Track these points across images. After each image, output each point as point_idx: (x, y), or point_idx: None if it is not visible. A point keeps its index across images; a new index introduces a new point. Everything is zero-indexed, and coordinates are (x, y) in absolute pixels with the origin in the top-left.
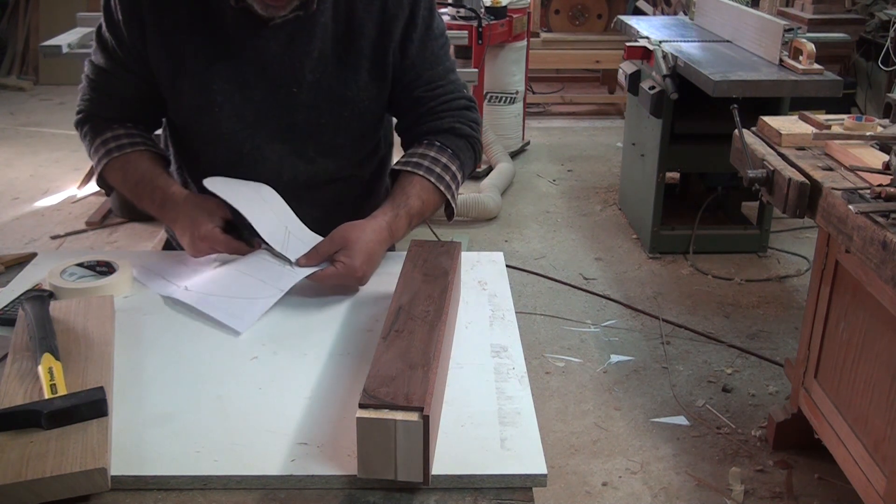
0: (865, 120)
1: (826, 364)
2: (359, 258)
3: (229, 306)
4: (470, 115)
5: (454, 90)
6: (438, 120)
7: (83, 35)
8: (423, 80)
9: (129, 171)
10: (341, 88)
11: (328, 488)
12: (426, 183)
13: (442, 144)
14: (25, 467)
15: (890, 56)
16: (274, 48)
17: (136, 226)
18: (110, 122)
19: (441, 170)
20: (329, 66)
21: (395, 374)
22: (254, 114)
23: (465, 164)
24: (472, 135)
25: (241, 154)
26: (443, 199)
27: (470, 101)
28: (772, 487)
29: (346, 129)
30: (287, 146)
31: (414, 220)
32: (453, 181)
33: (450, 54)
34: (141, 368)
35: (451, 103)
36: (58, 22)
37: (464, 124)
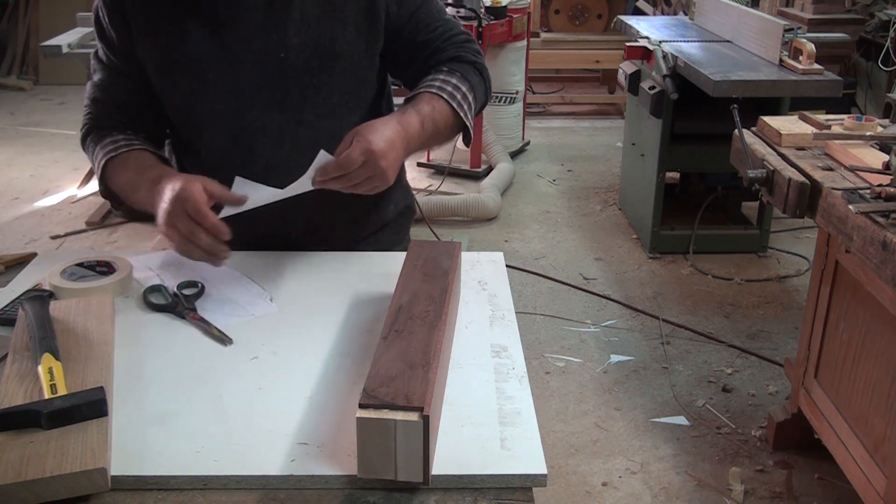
0: (865, 120)
1: (826, 364)
2: (372, 135)
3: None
4: (472, 47)
5: (452, 27)
6: (442, 53)
7: (83, 35)
8: (422, 25)
9: (125, 168)
10: (329, 45)
11: (328, 488)
12: (434, 95)
13: (449, 69)
14: (25, 467)
15: (890, 56)
16: (255, 18)
17: (136, 226)
18: (111, 130)
19: (452, 88)
20: (313, 25)
21: (395, 374)
22: (247, 87)
23: (476, 87)
24: (477, 61)
25: (241, 130)
26: (455, 114)
27: (468, 35)
28: (772, 487)
29: (340, 86)
30: (284, 114)
31: (426, 121)
32: (465, 101)
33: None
34: (141, 368)
35: (452, 39)
36: (58, 22)
37: (467, 52)
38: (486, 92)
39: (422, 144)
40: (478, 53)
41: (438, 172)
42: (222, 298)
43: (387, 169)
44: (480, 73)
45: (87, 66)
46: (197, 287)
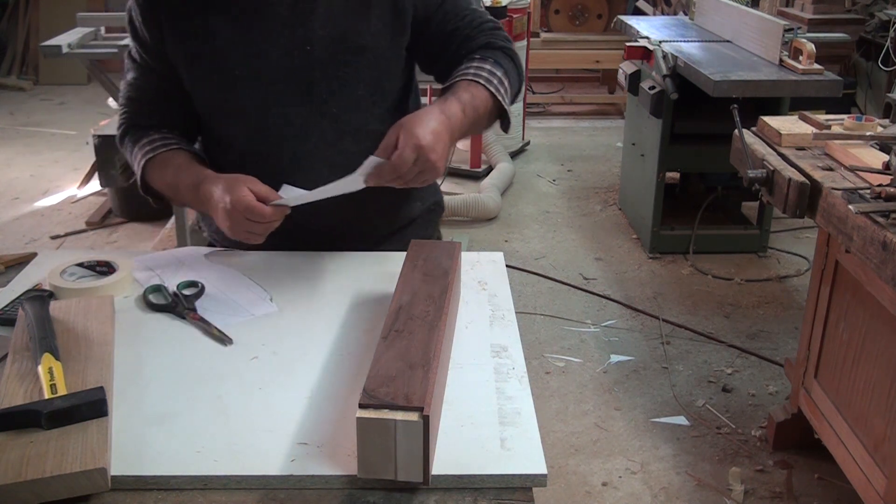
0: (865, 120)
1: (826, 364)
2: (419, 128)
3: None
4: (501, 33)
5: (480, 15)
6: (473, 41)
7: (83, 35)
8: (450, 15)
9: (165, 168)
10: (354, 37)
11: (328, 488)
12: (471, 82)
13: (482, 56)
14: (25, 467)
15: (890, 56)
16: (281, 12)
17: (136, 226)
18: (147, 130)
19: (487, 73)
20: (339, 17)
21: (395, 374)
22: (273, 81)
23: (509, 72)
24: (507, 47)
25: (267, 123)
26: (493, 98)
27: (497, 23)
28: (772, 487)
29: (365, 79)
30: (309, 107)
31: (467, 108)
32: (500, 85)
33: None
34: (141, 368)
35: (480, 27)
36: (58, 22)
37: (497, 39)
38: (519, 77)
39: (465, 132)
40: (507, 40)
41: None
42: (222, 298)
43: (437, 161)
44: (512, 59)
45: (86, 66)
46: (197, 287)
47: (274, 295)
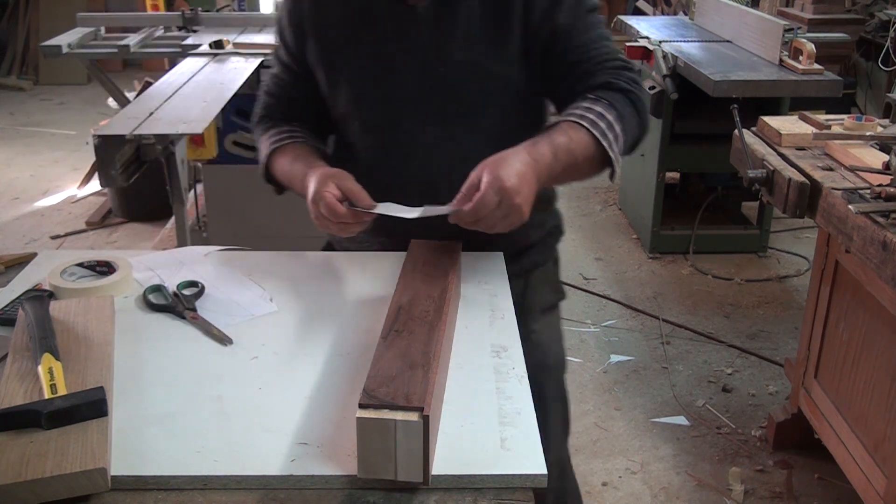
0: (865, 120)
1: (826, 364)
2: (503, 170)
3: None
4: (627, 74)
5: (609, 52)
6: (592, 78)
7: (83, 35)
8: (574, 45)
9: (285, 158)
10: (489, 64)
11: (328, 488)
12: (573, 123)
13: (597, 96)
14: (25, 467)
15: (890, 56)
16: (422, 33)
17: (136, 226)
18: (279, 122)
19: (595, 116)
20: (476, 44)
21: (395, 374)
22: (405, 98)
23: (625, 117)
24: (630, 90)
25: (394, 141)
26: (596, 144)
27: (627, 63)
28: (772, 487)
29: (494, 107)
30: (438, 128)
31: (560, 152)
32: (609, 130)
33: (603, 26)
34: (141, 368)
35: (605, 63)
36: (58, 22)
37: (620, 80)
38: (641, 124)
39: (557, 177)
40: (633, 82)
41: None
42: (222, 298)
43: (521, 205)
44: (633, 104)
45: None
46: (197, 287)
47: (274, 295)
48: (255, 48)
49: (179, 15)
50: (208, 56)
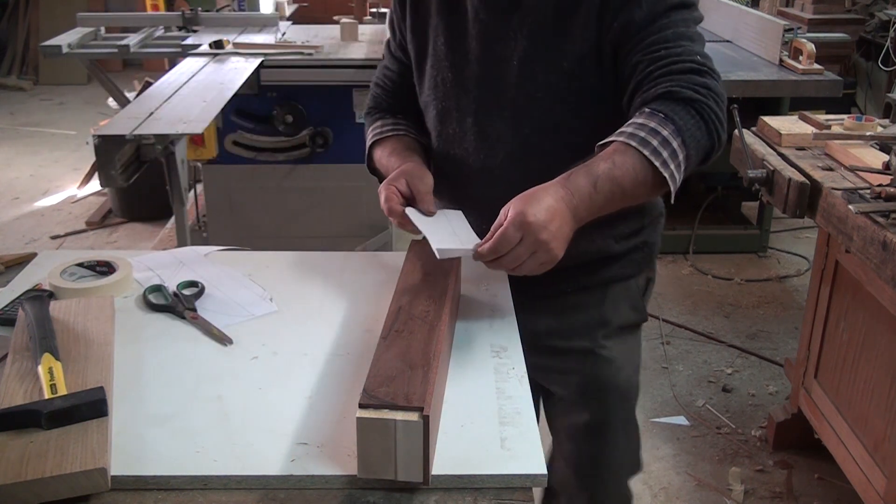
0: (865, 120)
1: (826, 364)
2: (529, 205)
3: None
4: (696, 79)
5: (682, 53)
6: (654, 86)
7: (83, 35)
8: (643, 45)
9: (384, 151)
10: (557, 59)
11: (328, 488)
12: (623, 145)
13: (653, 110)
14: (25, 467)
15: (890, 56)
16: (495, 22)
17: (136, 226)
18: (384, 114)
19: (646, 134)
20: (545, 35)
21: (395, 374)
22: (476, 88)
23: (686, 130)
24: (695, 98)
25: (462, 132)
26: (649, 165)
27: (701, 66)
28: (772, 487)
29: (562, 105)
30: (504, 122)
31: (601, 182)
32: (664, 147)
33: (690, 24)
34: (141, 368)
35: (672, 66)
36: (58, 22)
37: (684, 87)
38: (710, 135)
39: (601, 207)
40: (701, 88)
41: None
42: (222, 298)
43: (549, 241)
44: (700, 114)
45: (86, 66)
46: (197, 287)
47: (274, 295)
48: (255, 48)
49: (179, 15)
50: (208, 56)
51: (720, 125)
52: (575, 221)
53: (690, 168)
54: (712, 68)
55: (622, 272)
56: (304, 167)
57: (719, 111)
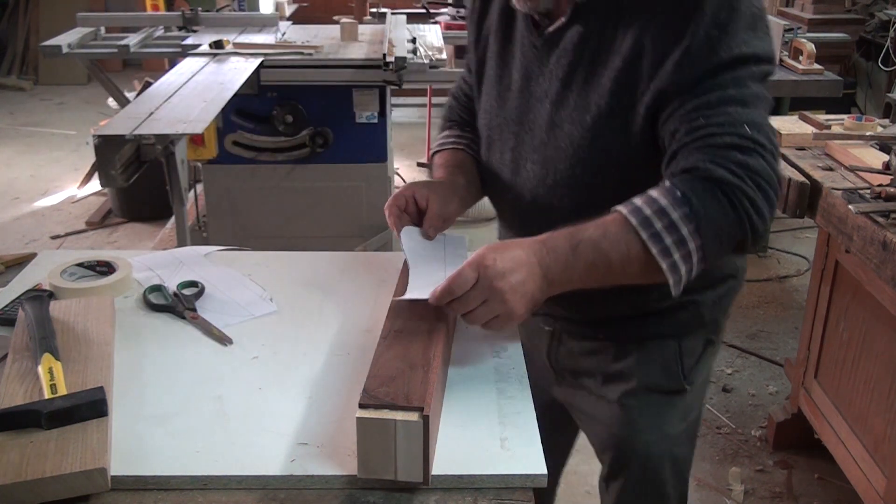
0: (865, 120)
1: (826, 364)
2: (494, 252)
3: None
4: (735, 156)
5: (725, 123)
6: (679, 158)
7: (83, 35)
8: (683, 111)
9: (437, 163)
10: (582, 111)
11: (328, 488)
12: (621, 217)
13: (672, 185)
14: (25, 467)
15: (890, 56)
16: (532, 62)
17: (136, 226)
18: (453, 125)
19: (653, 212)
20: (577, 82)
21: (395, 374)
22: (516, 123)
23: (704, 215)
24: (726, 179)
25: (503, 163)
26: (644, 247)
27: (745, 141)
28: (772, 487)
29: (582, 158)
30: (535, 165)
31: (584, 247)
32: (669, 231)
33: (746, 84)
34: (141, 368)
35: (709, 139)
36: (58, 22)
37: (717, 164)
38: (742, 225)
39: (580, 274)
40: (741, 167)
41: None
42: (222, 298)
43: (505, 291)
44: (729, 198)
45: (86, 66)
46: (197, 287)
47: (274, 295)
48: (255, 48)
49: (179, 15)
50: (208, 56)
51: (756, 213)
52: (545, 281)
53: (711, 258)
54: (762, 142)
55: (655, 330)
56: (304, 167)
57: (758, 196)
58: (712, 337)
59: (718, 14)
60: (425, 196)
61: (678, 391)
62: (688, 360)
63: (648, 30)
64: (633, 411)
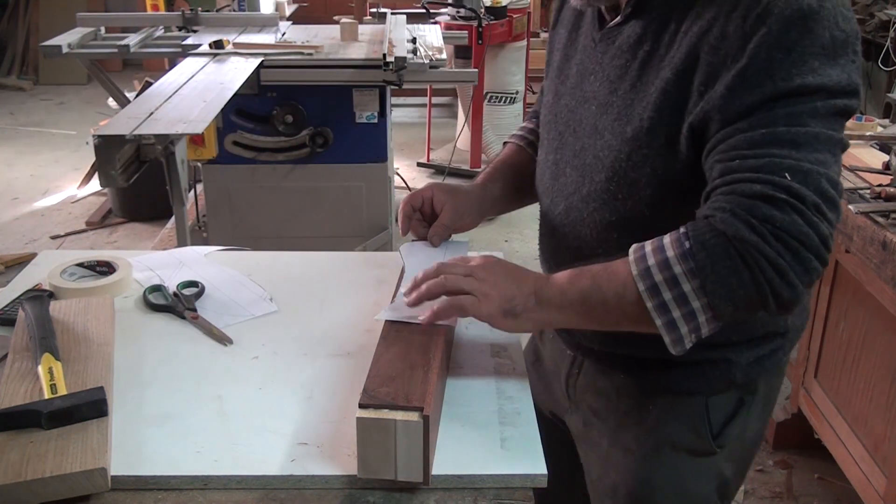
0: (865, 120)
1: (826, 364)
2: (474, 258)
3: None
4: (760, 209)
5: (762, 168)
6: (710, 205)
7: (83, 35)
8: (726, 144)
9: (492, 162)
10: (623, 121)
11: (328, 488)
12: (624, 266)
13: (686, 233)
14: (25, 467)
15: (890, 56)
16: (593, 49)
17: (136, 226)
18: (533, 115)
19: (656, 263)
20: (624, 85)
21: (395, 374)
22: (564, 123)
23: (711, 273)
24: (741, 236)
25: (546, 164)
26: (636, 297)
27: (777, 191)
28: (772, 487)
29: (618, 173)
30: (575, 172)
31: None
32: (669, 286)
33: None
34: (141, 368)
35: (738, 185)
36: (58, 22)
37: (737, 217)
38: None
39: (571, 302)
40: (764, 223)
41: (438, 172)
42: (222, 298)
43: (488, 281)
44: (744, 258)
45: (86, 66)
46: (197, 287)
47: (274, 295)
48: (255, 48)
49: (179, 15)
50: (208, 56)
51: (779, 276)
52: (534, 297)
53: (727, 318)
54: (803, 195)
55: (682, 384)
56: (304, 167)
57: (783, 257)
58: (746, 397)
59: (787, 33)
60: (442, 202)
61: (705, 453)
62: (716, 418)
63: (707, 39)
64: (652, 466)
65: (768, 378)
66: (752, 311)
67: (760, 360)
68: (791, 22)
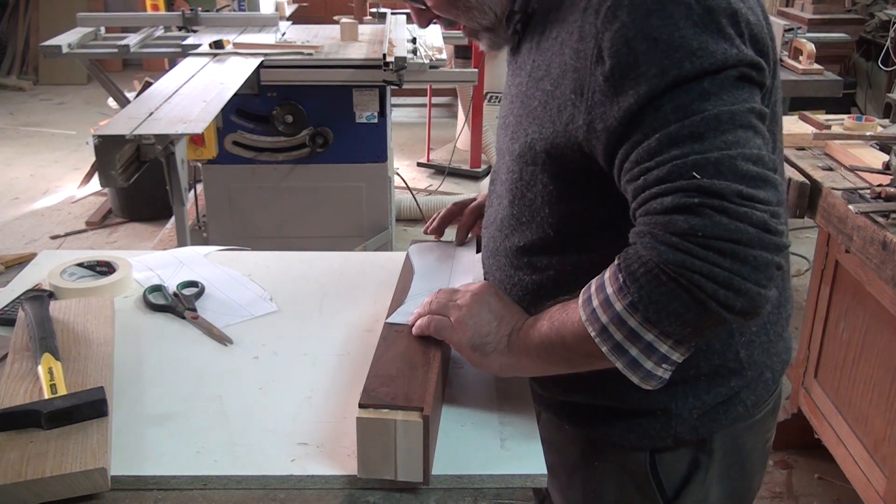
0: (865, 120)
1: (826, 364)
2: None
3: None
4: (676, 223)
5: (665, 178)
6: (633, 232)
7: (83, 35)
8: (627, 163)
9: None
10: (514, 139)
11: (328, 488)
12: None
13: (618, 268)
14: (25, 467)
15: (890, 56)
16: (513, 56)
17: (136, 226)
18: None
19: (600, 304)
20: (526, 96)
21: (395, 374)
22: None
23: (650, 304)
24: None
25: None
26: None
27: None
28: (772, 487)
29: (516, 195)
30: (496, 200)
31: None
32: (616, 326)
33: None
34: (141, 368)
35: (650, 204)
36: (58, 22)
37: (656, 240)
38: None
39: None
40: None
41: (438, 172)
42: (222, 298)
43: (465, 305)
44: (675, 280)
45: (86, 66)
46: (197, 287)
47: (274, 295)
48: (255, 48)
49: (179, 15)
50: (208, 56)
51: (721, 286)
52: (508, 340)
53: (687, 340)
54: (717, 189)
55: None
56: (304, 167)
57: (717, 264)
58: (700, 457)
59: (646, 20)
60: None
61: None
62: (669, 481)
63: (569, 42)
64: None
65: (731, 435)
66: (714, 326)
67: (712, 412)
68: (646, 7)
